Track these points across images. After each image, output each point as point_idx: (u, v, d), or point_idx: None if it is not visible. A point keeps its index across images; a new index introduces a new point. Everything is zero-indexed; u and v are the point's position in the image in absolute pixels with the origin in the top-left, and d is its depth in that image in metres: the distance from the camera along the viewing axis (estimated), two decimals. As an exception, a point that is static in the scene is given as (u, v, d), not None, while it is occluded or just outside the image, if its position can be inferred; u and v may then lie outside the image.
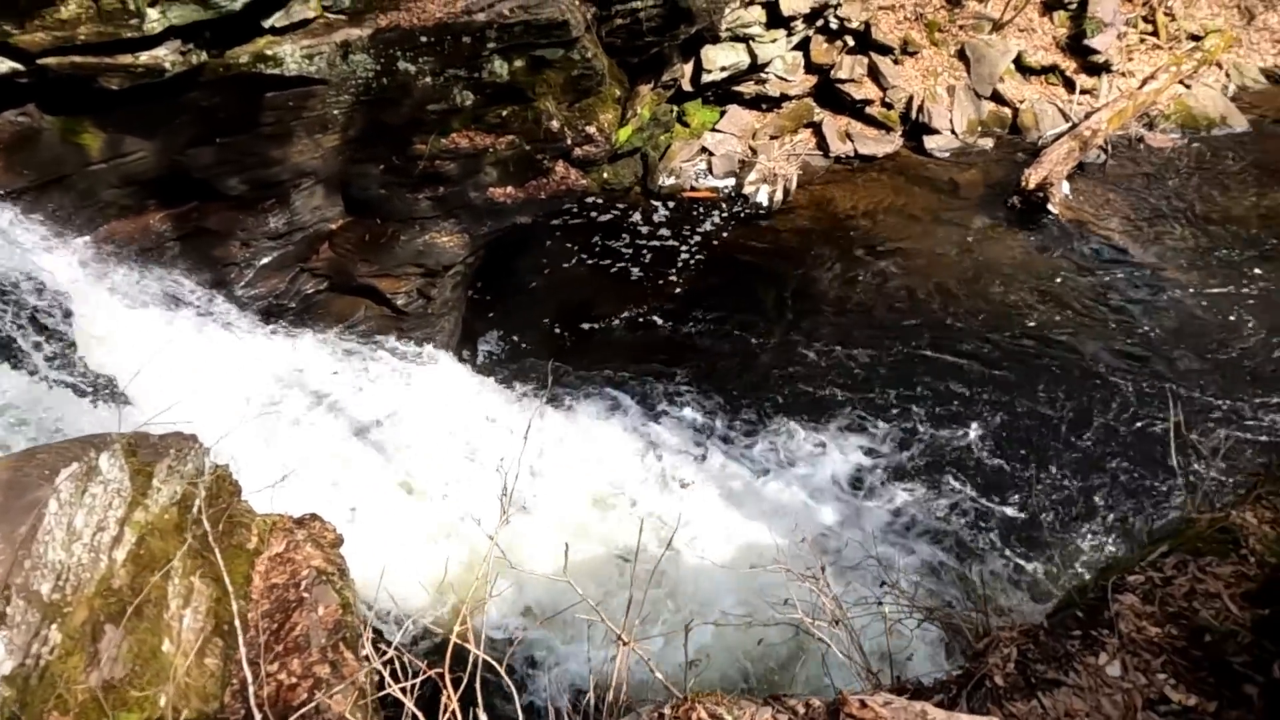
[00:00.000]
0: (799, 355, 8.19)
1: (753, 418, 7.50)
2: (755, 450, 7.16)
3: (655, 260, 9.37)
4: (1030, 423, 7.36)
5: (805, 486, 6.73)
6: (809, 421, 7.41)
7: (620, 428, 7.35)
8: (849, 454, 7.08)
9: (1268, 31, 14.29)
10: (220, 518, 4.15)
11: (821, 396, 7.70)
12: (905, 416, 7.44)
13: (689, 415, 7.50)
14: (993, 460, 6.98)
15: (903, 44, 12.11)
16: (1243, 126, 12.24)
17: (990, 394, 7.67)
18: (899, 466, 6.98)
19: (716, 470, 6.89)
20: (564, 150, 9.02)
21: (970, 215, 10.21)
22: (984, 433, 7.24)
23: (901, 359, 8.10)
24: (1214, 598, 3.37)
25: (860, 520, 6.45)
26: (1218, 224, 10.11)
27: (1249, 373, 7.89)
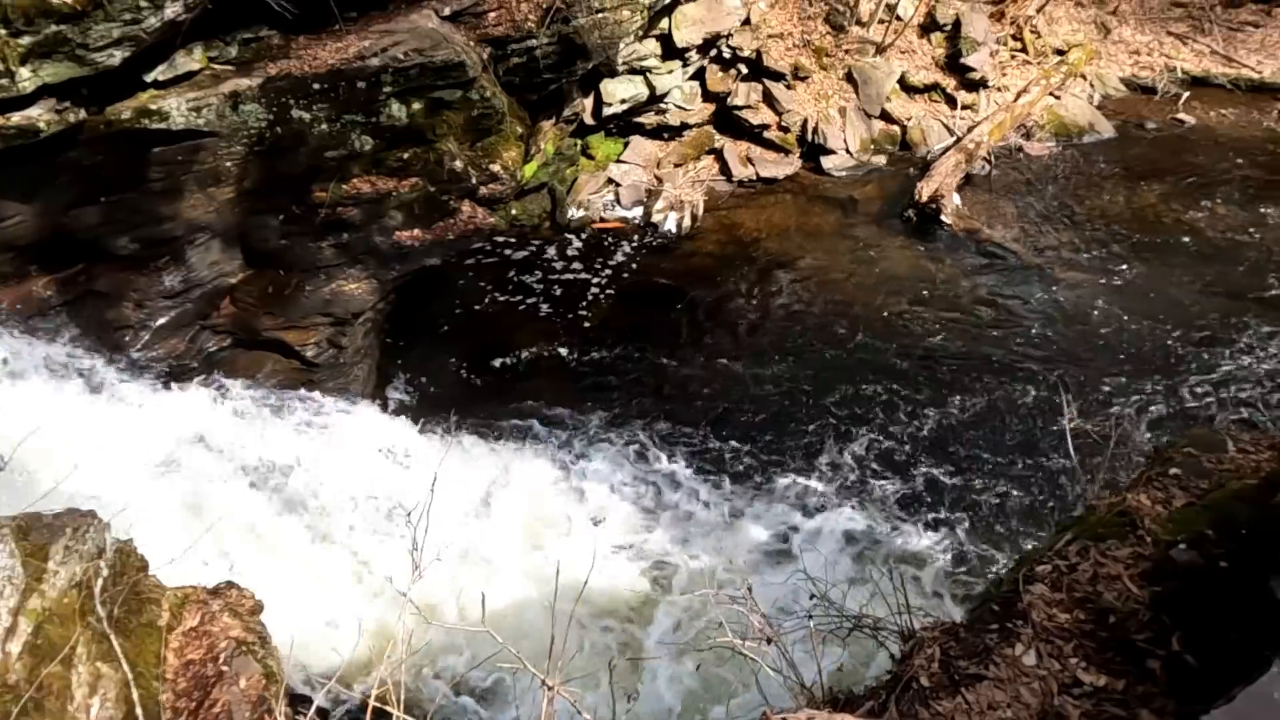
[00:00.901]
0: (714, 376, 8.32)
1: (672, 441, 7.56)
2: (677, 474, 7.21)
3: (570, 293, 9.40)
4: (937, 425, 7.65)
5: (728, 506, 6.81)
6: (727, 440, 7.52)
7: (541, 465, 7.30)
8: (768, 469, 7.21)
9: (1123, 44, 15.45)
10: (126, 596, 3.93)
11: (737, 415, 7.84)
12: (819, 428, 7.63)
13: (609, 446, 7.50)
14: (907, 465, 7.22)
15: (793, 70, 12.58)
16: (1109, 132, 13.13)
17: (898, 400, 7.95)
18: (817, 478, 7.14)
19: (640, 499, 6.90)
20: (469, 190, 9.00)
21: (870, 229, 10.62)
22: (895, 438, 7.49)
23: (812, 372, 8.32)
24: (1115, 580, 3.55)
25: (785, 535, 6.56)
26: (1094, 223, 10.80)
27: (1131, 359, 8.42)
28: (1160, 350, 8.57)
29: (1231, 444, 5.57)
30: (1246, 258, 10.06)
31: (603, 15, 9.60)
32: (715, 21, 11.92)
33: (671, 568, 6.14)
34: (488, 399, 8.12)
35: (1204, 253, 10.18)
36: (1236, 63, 15.25)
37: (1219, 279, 9.68)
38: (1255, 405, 7.87)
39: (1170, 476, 5.22)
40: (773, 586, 5.16)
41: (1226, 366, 8.33)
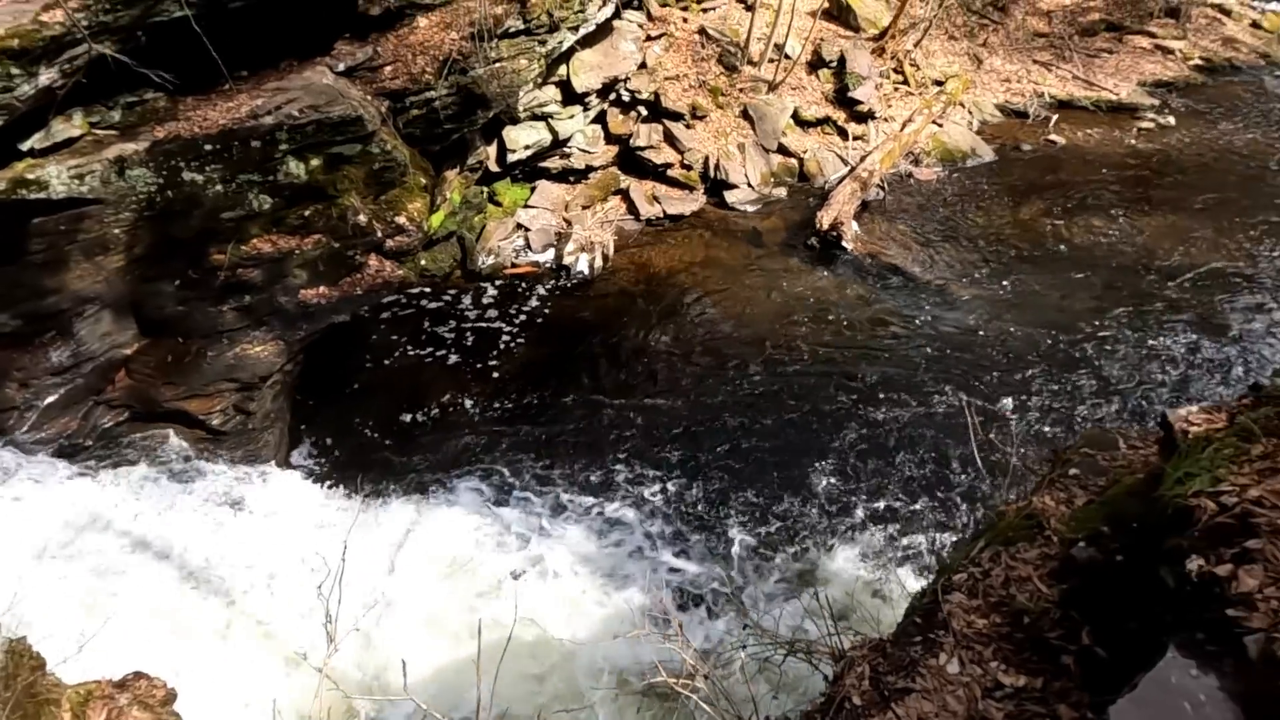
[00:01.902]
0: (631, 414, 8.34)
1: (591, 484, 7.51)
2: (598, 517, 7.15)
3: (484, 342, 9.32)
4: (852, 445, 7.86)
5: (652, 543, 6.80)
6: (646, 477, 7.52)
7: (459, 519, 7.12)
8: (689, 503, 7.24)
9: (994, 73, 16.51)
10: (19, 700, 3.66)
11: (655, 451, 7.84)
12: (737, 458, 7.73)
13: (528, 493, 7.39)
14: (826, 487, 7.37)
15: (692, 109, 12.95)
16: (990, 155, 13.96)
17: (812, 423, 8.14)
18: (743, 505, 7.22)
19: (562, 544, 6.82)
20: (375, 243, 8.89)
21: (776, 259, 10.94)
22: (811, 462, 7.63)
23: (727, 402, 8.44)
24: (1026, 581, 3.70)
25: (713, 567, 6.59)
26: (982, 240, 11.42)
27: (1025, 365, 8.88)
28: (1051, 355, 9.07)
29: (1123, 441, 5.92)
30: (1119, 263, 10.81)
31: (500, 65, 9.72)
32: (612, 66, 12.22)
33: (600, 611, 6.07)
34: (404, 455, 7.93)
35: (1082, 261, 10.88)
36: (1096, 86, 16.50)
37: (1096, 284, 10.35)
38: (1139, 399, 8.38)
39: (1071, 477, 5.49)
40: (706, 619, 5.17)
41: (1110, 365, 8.87)
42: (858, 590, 6.20)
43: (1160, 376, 8.75)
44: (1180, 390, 8.52)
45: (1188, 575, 2.47)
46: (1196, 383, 8.64)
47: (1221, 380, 8.60)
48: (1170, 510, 2.70)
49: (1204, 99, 16.47)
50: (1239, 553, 2.43)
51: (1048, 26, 17.99)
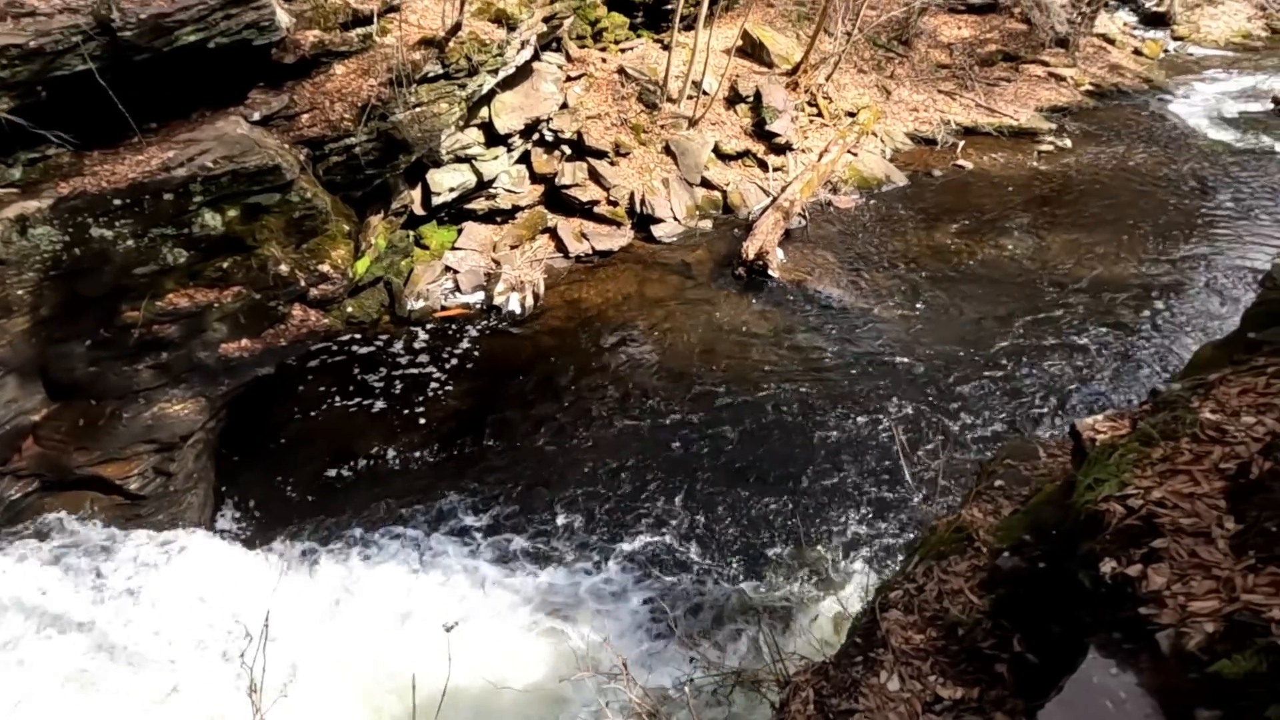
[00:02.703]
0: (568, 451, 8.30)
1: (530, 525, 7.40)
2: (537, 558, 7.04)
3: (415, 387, 9.18)
4: (786, 471, 7.98)
5: (591, 583, 6.73)
6: (582, 517, 7.46)
7: (390, 572, 6.93)
8: (626, 540, 7.20)
9: (903, 103, 17.24)
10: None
11: (590, 489, 7.80)
12: (673, 491, 7.75)
13: (466, 541, 7.24)
14: (765, 514, 7.44)
15: (615, 147, 13.15)
16: (903, 181, 14.53)
17: (745, 451, 8.23)
18: (677, 540, 7.21)
19: (498, 589, 6.69)
20: (299, 293, 8.69)
21: (704, 290, 11.11)
22: (747, 490, 7.70)
23: (660, 435, 8.47)
24: (958, 594, 3.80)
25: (655, 602, 6.56)
26: (901, 262, 11.83)
27: (947, 381, 9.19)
28: (971, 369, 9.42)
29: (1042, 451, 6.15)
30: (1028, 279, 11.33)
31: (421, 109, 9.70)
32: (534, 107, 12.33)
33: (543, 656, 5.96)
34: (334, 509, 7.70)
35: (994, 278, 11.37)
36: (998, 112, 17.37)
37: (1009, 300, 10.82)
38: (1056, 407, 8.75)
39: (996, 488, 5.68)
40: (651, 655, 5.13)
41: (1028, 376, 9.26)
42: (801, 613, 6.26)
43: (1074, 384, 9.16)
44: (1092, 397, 8.93)
45: (1102, 578, 2.59)
46: (1106, 389, 9.07)
47: (1127, 386, 9.04)
48: (1083, 516, 2.82)
49: (1096, 122, 17.52)
50: (1147, 553, 2.55)
51: (949, 58, 18.92)
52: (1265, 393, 3.02)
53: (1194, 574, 2.43)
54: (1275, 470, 2.56)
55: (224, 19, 7.96)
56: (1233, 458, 2.69)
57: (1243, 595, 2.27)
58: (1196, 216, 13.31)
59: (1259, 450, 2.66)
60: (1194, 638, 2.25)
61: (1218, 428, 2.84)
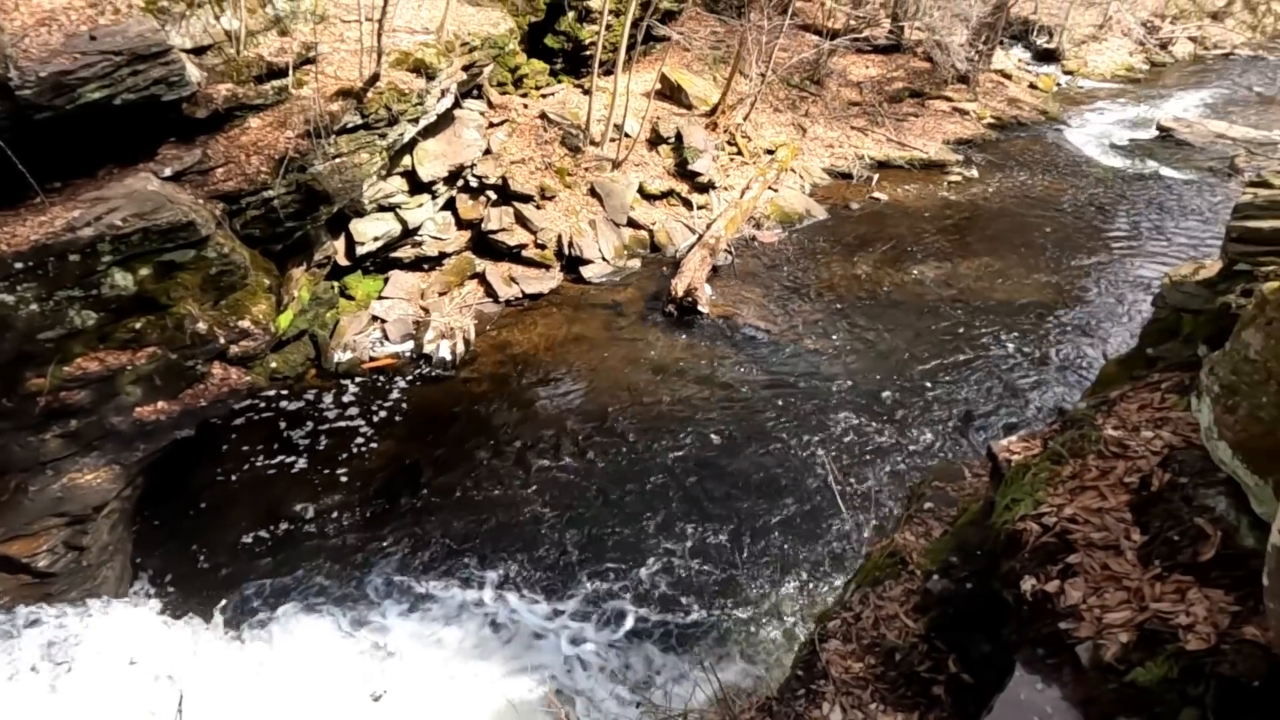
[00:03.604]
0: (502, 500, 8.16)
1: (463, 580, 7.18)
2: (471, 613, 6.83)
3: (344, 442, 8.94)
4: (720, 506, 8.02)
5: (534, 633, 6.61)
6: (522, 563, 7.32)
7: (320, 639, 6.66)
8: (570, 582, 7.09)
9: (819, 140, 17.86)
10: None
11: (527, 534, 7.66)
12: (614, 530, 7.70)
13: (394, 601, 7.00)
14: (706, 549, 7.45)
15: (540, 191, 13.23)
16: (823, 215, 14.99)
17: (679, 488, 8.24)
18: (615, 583, 7.13)
19: (434, 650, 6.49)
20: (218, 351, 8.42)
21: (635, 329, 11.19)
22: (682, 527, 7.68)
23: (594, 476, 8.43)
24: (894, 619, 3.87)
25: (597, 648, 6.47)
26: (825, 293, 12.15)
27: (873, 407, 9.43)
28: (896, 393, 9.69)
29: (968, 471, 6.33)
30: (945, 303, 11.77)
31: (341, 160, 9.61)
32: (457, 154, 12.35)
33: (484, 713, 5.79)
34: (258, 575, 7.38)
35: (912, 304, 11.78)
36: (908, 146, 18.14)
37: (927, 324, 11.21)
38: (979, 427, 9.06)
39: (926, 510, 5.82)
40: (594, 703, 5.03)
41: (949, 397, 9.57)
42: (746, 647, 6.26)
43: (995, 404, 9.50)
44: (1012, 415, 9.28)
45: (1023, 595, 2.68)
46: (1024, 406, 9.44)
47: (1042, 403, 9.43)
48: (1002, 536, 2.92)
49: (999, 152, 18.45)
50: (1063, 568, 2.66)
51: (860, 96, 19.73)
52: (1161, 407, 3.20)
53: (1107, 586, 2.53)
54: (1173, 482, 2.70)
55: (130, 75, 7.78)
56: (1135, 471, 2.84)
57: (1152, 604, 2.38)
58: (1097, 238, 14.08)
59: (1158, 463, 2.81)
60: (1110, 648, 2.34)
61: (1120, 443, 3.00)
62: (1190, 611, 2.29)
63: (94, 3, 8.22)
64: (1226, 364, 2.41)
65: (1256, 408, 2.28)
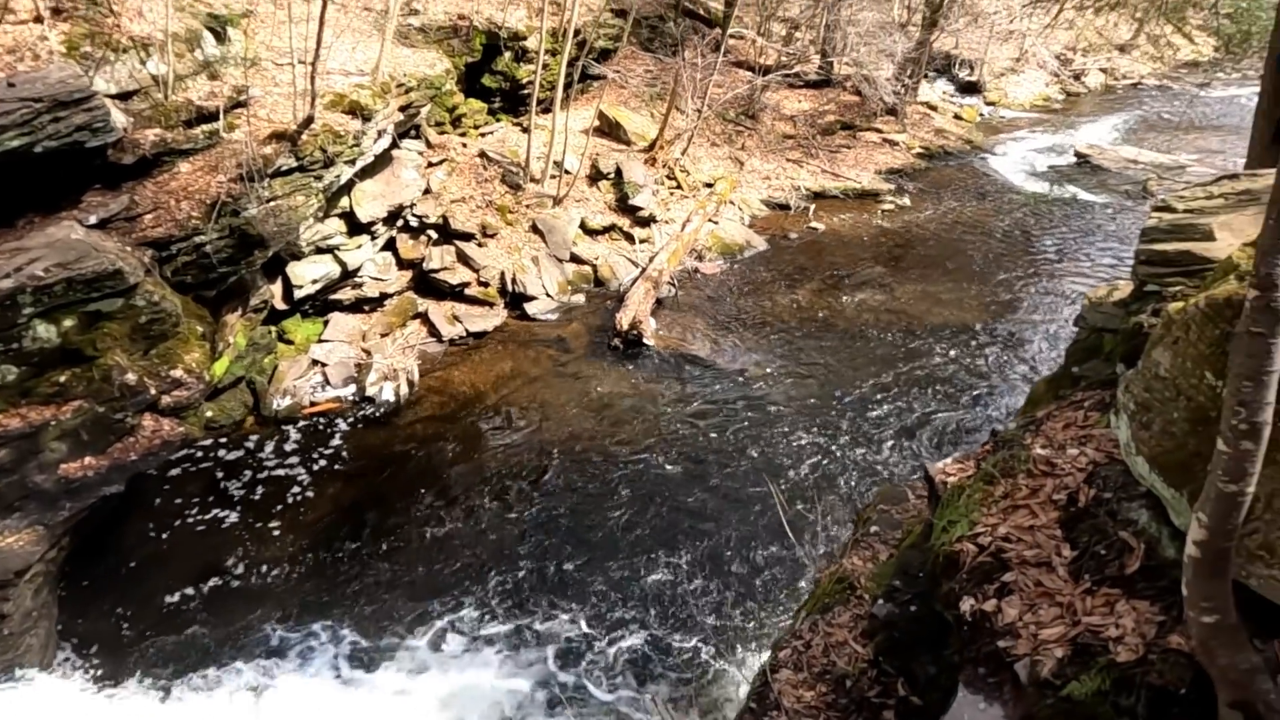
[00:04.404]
0: (448, 545, 7.94)
1: (406, 631, 6.92)
2: (417, 668, 6.65)
3: (285, 490, 8.68)
4: (672, 536, 8.00)
5: (481, 684, 6.44)
6: (468, 609, 7.12)
7: (258, 703, 6.40)
8: (517, 627, 6.92)
9: (756, 172, 18.25)
10: None
11: (474, 580, 7.46)
12: (560, 570, 7.55)
13: (337, 656, 6.75)
14: (657, 585, 7.39)
15: (482, 229, 13.21)
16: (763, 245, 15.27)
17: (628, 524, 8.18)
18: (571, 622, 7.02)
19: (378, 710, 6.29)
20: (149, 402, 8.16)
21: (581, 364, 11.18)
22: (632, 562, 7.62)
23: (542, 515, 8.30)
24: (843, 645, 3.90)
25: (551, 688, 6.35)
26: (767, 322, 12.34)
27: (818, 432, 9.56)
28: (839, 418, 9.84)
29: (911, 494, 6.44)
30: (884, 329, 12.05)
31: (275, 203, 9.47)
32: (396, 195, 12.28)
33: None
34: (192, 636, 7.04)
35: (853, 331, 12.03)
36: (842, 177, 18.66)
37: (868, 350, 11.46)
38: (918, 449, 9.24)
39: (873, 534, 5.89)
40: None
41: (890, 421, 9.76)
42: (700, 682, 6.21)
43: (934, 425, 9.72)
44: (950, 436, 9.49)
45: (963, 616, 2.73)
46: (962, 426, 9.67)
47: (978, 422, 9.68)
48: (941, 558, 2.98)
49: (929, 181, 19.10)
50: (999, 587, 2.72)
51: (794, 129, 20.26)
52: (1085, 425, 3.32)
53: (1041, 603, 2.60)
54: (1099, 497, 2.80)
55: (52, 122, 7.59)
56: (1063, 489, 2.93)
57: (1083, 618, 2.45)
58: (1025, 261, 14.62)
59: (1083, 480, 2.90)
60: (1047, 664, 2.40)
61: (1048, 462, 3.09)
62: (1119, 624, 2.36)
63: (13, 49, 8.03)
64: (1140, 382, 2.52)
65: (1169, 423, 2.38)
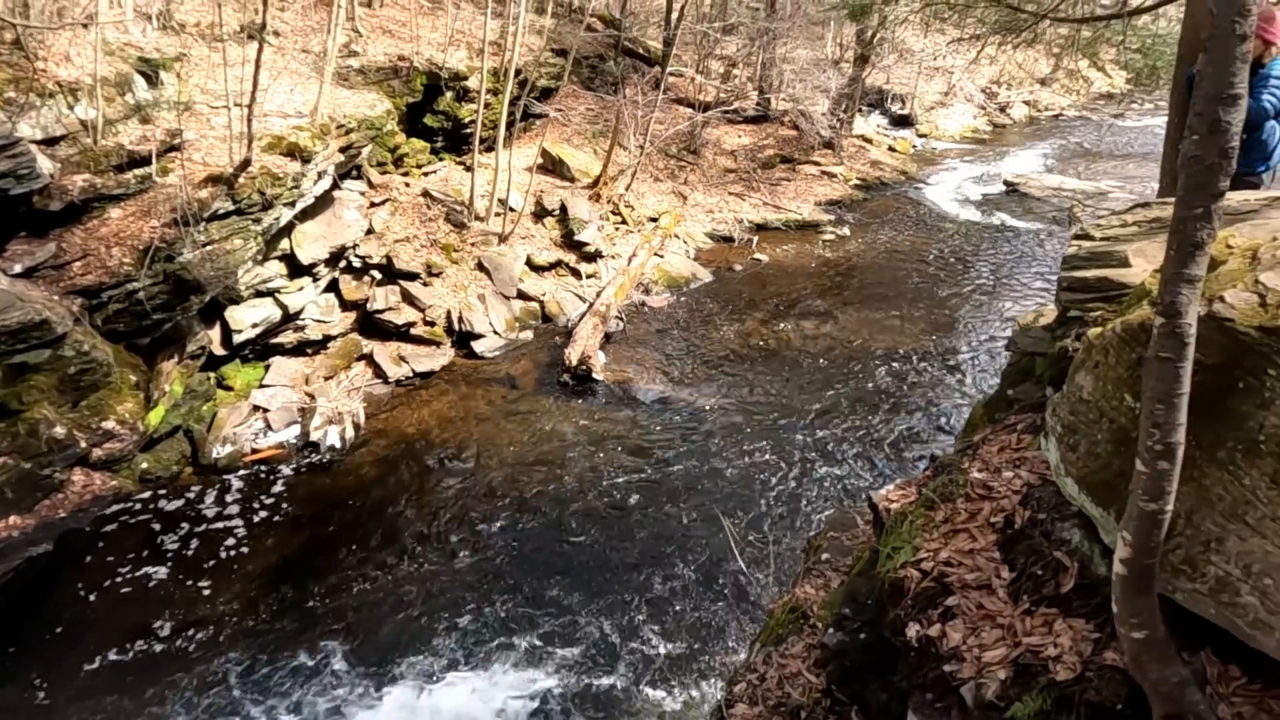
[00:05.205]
0: (392, 592, 7.66)
1: (349, 686, 6.75)
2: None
3: (225, 542, 8.37)
4: (625, 573, 7.93)
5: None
6: (416, 658, 6.93)
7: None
8: (465, 676, 6.79)
9: (699, 206, 18.55)
10: None
11: (421, 627, 7.23)
12: (513, 613, 7.36)
13: (282, 714, 6.53)
14: (613, 624, 7.28)
15: (427, 268, 13.12)
16: (709, 277, 15.47)
17: (587, 560, 8.11)
18: (524, 667, 6.90)
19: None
20: (79, 455, 7.86)
21: (531, 401, 11.11)
22: (590, 599, 7.52)
23: (492, 556, 8.12)
24: (797, 676, 3.91)
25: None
26: (715, 353, 12.46)
27: (768, 462, 9.64)
28: (788, 446, 9.94)
29: (860, 520, 6.52)
30: (829, 357, 12.27)
31: (212, 247, 9.29)
32: (337, 236, 12.14)
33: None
34: (123, 704, 6.71)
35: (799, 360, 12.22)
36: (783, 209, 19.06)
37: (814, 378, 11.64)
38: (870, 474, 9.38)
39: (824, 562, 5.94)
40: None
41: (838, 447, 9.89)
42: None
43: (881, 451, 9.89)
44: (897, 460, 9.67)
45: (910, 642, 2.77)
46: (908, 451, 9.86)
47: (919, 449, 9.87)
48: (887, 584, 3.02)
49: (867, 211, 19.65)
50: (943, 611, 2.76)
51: (735, 163, 20.69)
52: (1019, 448, 3.42)
53: (983, 625, 2.65)
54: (1033, 518, 2.88)
55: (-27, 169, 7.35)
56: (1000, 511, 3.01)
57: (1024, 639, 2.50)
58: (962, 286, 15.08)
59: (1018, 501, 2.99)
60: (991, 686, 2.44)
61: (985, 485, 3.18)
62: (1057, 643, 2.42)
63: (-70, 95, 7.79)
64: (1066, 405, 2.62)
65: (1094, 445, 2.47)
